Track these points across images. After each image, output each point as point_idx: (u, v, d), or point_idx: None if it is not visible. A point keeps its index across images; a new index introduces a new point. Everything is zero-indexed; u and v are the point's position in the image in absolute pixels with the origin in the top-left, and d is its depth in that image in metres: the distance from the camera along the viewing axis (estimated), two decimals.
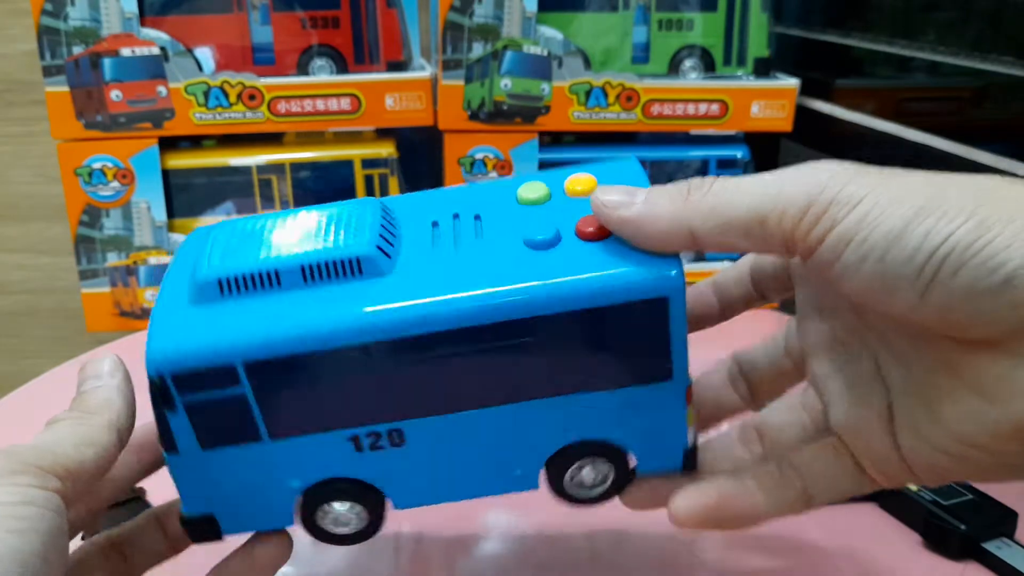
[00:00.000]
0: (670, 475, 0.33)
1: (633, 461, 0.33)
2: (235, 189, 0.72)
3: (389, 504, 0.33)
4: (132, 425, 0.31)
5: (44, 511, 0.25)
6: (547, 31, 0.68)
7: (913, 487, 0.47)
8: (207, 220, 0.72)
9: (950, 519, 0.44)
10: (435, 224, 0.33)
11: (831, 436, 0.32)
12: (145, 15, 0.68)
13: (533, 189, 0.33)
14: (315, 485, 0.32)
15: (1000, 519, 0.44)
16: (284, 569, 0.41)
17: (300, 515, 0.33)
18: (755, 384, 0.37)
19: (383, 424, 0.31)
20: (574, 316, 0.30)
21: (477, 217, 0.33)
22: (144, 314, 0.72)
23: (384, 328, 0.29)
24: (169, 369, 0.29)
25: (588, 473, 0.34)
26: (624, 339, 0.31)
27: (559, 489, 0.34)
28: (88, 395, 0.30)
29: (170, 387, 0.30)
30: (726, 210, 0.28)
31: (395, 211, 0.34)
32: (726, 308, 0.37)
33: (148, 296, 0.71)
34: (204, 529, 0.33)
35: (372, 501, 0.33)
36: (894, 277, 0.26)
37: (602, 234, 0.30)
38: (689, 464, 0.33)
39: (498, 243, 0.31)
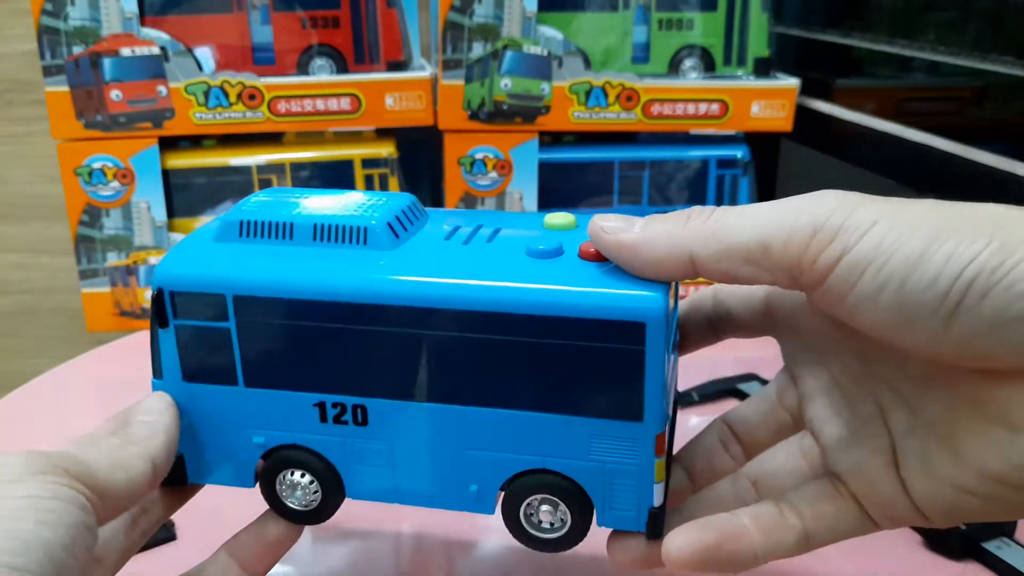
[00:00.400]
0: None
1: (594, 514, 0.32)
2: (235, 189, 0.72)
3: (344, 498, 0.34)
4: (169, 464, 0.31)
5: (70, 506, 0.25)
6: (547, 31, 0.68)
7: None
8: (207, 220, 0.72)
9: None
10: (456, 228, 0.34)
11: (832, 477, 0.31)
12: (145, 15, 0.68)
13: (561, 217, 0.34)
14: (278, 447, 0.33)
15: None
16: (284, 568, 0.41)
17: (261, 479, 0.34)
18: (750, 443, 0.35)
19: (348, 397, 0.32)
20: (548, 323, 0.29)
21: (498, 230, 0.34)
22: (144, 314, 0.72)
23: (364, 292, 0.30)
24: (170, 286, 0.32)
25: (546, 512, 0.33)
26: (597, 362, 0.30)
27: (514, 521, 0.33)
28: (134, 426, 0.31)
29: (167, 303, 0.32)
30: (727, 235, 0.27)
31: (431, 213, 0.36)
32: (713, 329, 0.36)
33: (148, 296, 0.71)
34: (172, 470, 0.33)
35: (330, 482, 0.33)
36: (915, 305, 0.24)
37: (602, 256, 0.30)
38: (655, 529, 0.31)
39: (503, 249, 0.32)
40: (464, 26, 0.68)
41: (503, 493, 0.33)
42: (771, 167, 0.83)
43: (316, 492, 0.34)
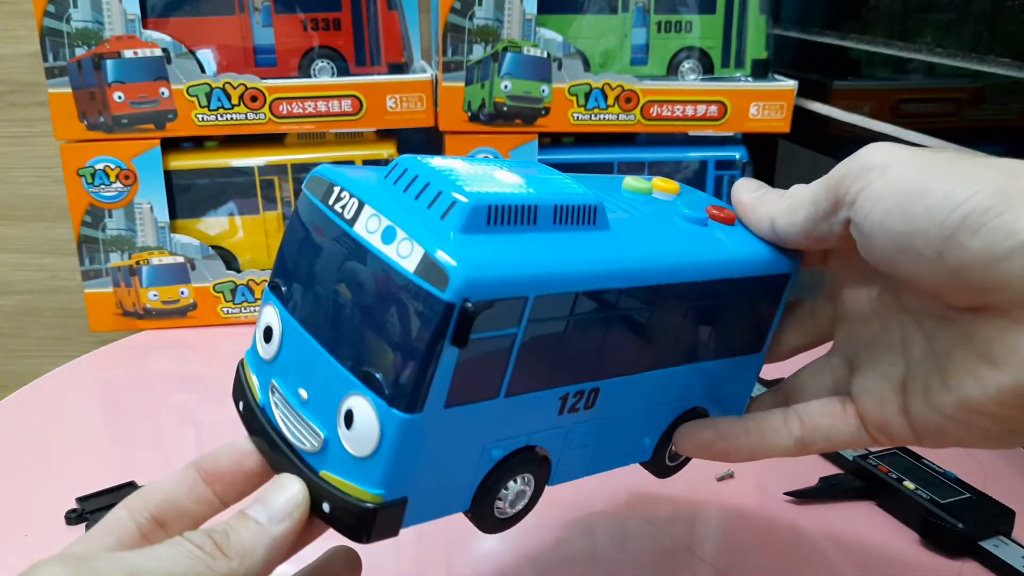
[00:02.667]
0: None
1: None
2: (237, 190, 0.72)
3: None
4: None
5: None
6: (547, 33, 0.69)
7: (911, 485, 0.47)
8: (209, 221, 0.73)
9: (948, 517, 0.44)
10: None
11: (844, 396, 0.34)
12: (147, 17, 0.68)
13: (639, 183, 0.36)
14: (510, 455, 0.30)
15: (997, 517, 0.45)
16: (284, 567, 0.42)
17: (479, 495, 0.30)
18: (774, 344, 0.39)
19: (588, 383, 0.31)
20: (741, 283, 0.34)
21: (612, 196, 0.34)
22: (147, 314, 0.72)
23: (637, 274, 0.30)
24: (476, 294, 0.25)
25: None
26: (751, 309, 0.35)
27: (659, 464, 0.37)
28: (239, 528, 0.27)
29: (473, 316, 0.25)
30: (795, 202, 0.33)
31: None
32: None
33: (151, 296, 0.72)
34: (389, 519, 0.28)
35: (541, 475, 0.32)
36: (914, 234, 0.28)
37: (731, 219, 0.35)
38: None
39: (661, 217, 0.34)
40: (464, 28, 0.68)
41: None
42: (769, 168, 0.83)
43: (527, 489, 0.32)
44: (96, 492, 0.48)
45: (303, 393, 0.29)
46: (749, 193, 0.36)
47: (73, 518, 0.47)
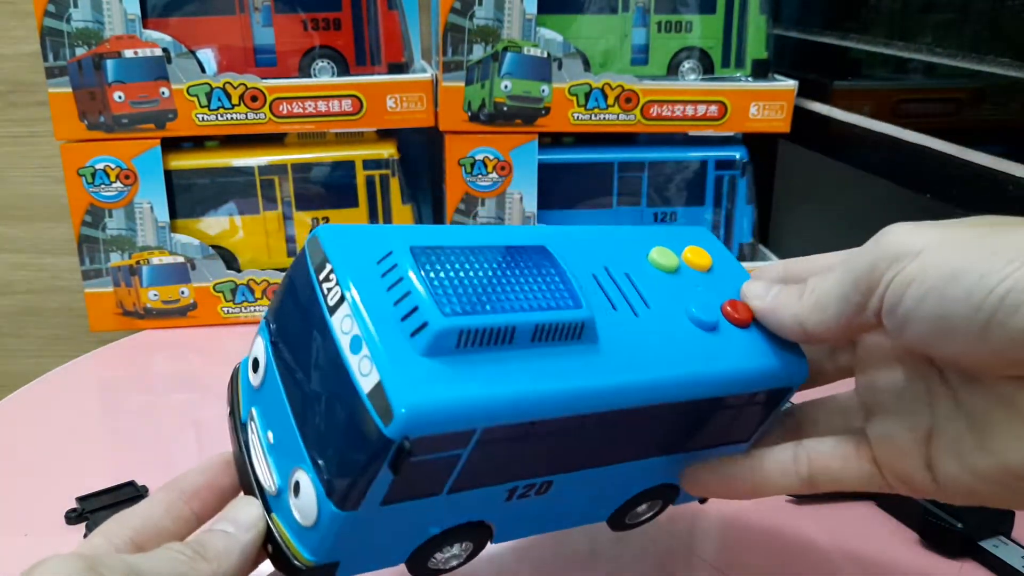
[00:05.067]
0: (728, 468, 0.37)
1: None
2: (237, 190, 0.72)
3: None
4: None
5: None
6: (547, 33, 0.69)
7: None
8: (210, 221, 0.73)
9: (947, 518, 0.44)
10: (596, 278, 0.33)
11: (859, 438, 0.34)
12: (148, 17, 0.68)
13: (666, 257, 0.35)
14: (448, 528, 0.31)
15: (997, 517, 0.45)
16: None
17: (412, 557, 0.32)
18: None
19: (541, 478, 0.31)
20: (733, 396, 0.33)
21: (627, 276, 0.34)
22: (147, 313, 0.72)
23: (610, 400, 0.30)
24: (418, 433, 0.26)
25: (644, 508, 0.38)
26: (744, 413, 0.34)
27: (616, 522, 0.37)
28: (212, 538, 0.30)
29: (410, 452, 0.26)
30: (822, 299, 0.32)
31: (556, 255, 0.32)
32: None
33: (151, 296, 0.72)
34: (322, 572, 0.30)
35: (482, 539, 0.33)
36: (952, 317, 0.27)
37: (747, 320, 0.34)
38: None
39: (668, 316, 0.33)
40: (464, 28, 0.68)
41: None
42: (769, 168, 0.83)
43: (465, 551, 0.33)
44: (96, 492, 0.48)
45: (271, 436, 0.30)
46: (761, 299, 0.34)
47: (73, 518, 0.47)
